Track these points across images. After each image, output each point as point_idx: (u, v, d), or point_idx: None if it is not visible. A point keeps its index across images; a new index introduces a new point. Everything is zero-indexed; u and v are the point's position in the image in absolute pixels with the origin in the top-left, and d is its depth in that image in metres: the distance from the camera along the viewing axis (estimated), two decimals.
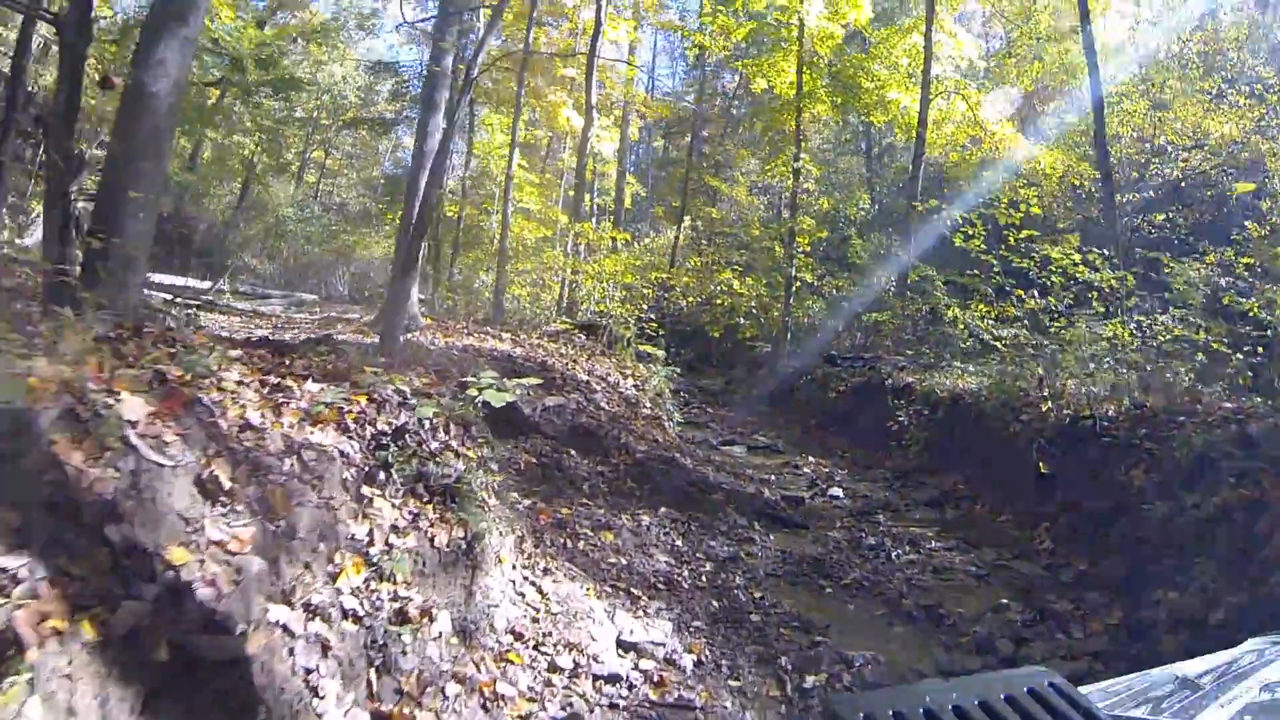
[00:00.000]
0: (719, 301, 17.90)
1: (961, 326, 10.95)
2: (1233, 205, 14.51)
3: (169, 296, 12.32)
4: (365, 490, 3.22)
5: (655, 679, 3.59)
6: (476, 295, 16.09)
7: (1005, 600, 5.26)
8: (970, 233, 11.36)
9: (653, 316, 14.26)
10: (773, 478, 9.21)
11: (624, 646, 3.81)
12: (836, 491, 8.54)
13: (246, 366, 3.44)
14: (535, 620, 3.76)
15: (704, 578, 4.95)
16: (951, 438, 9.79)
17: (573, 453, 6.81)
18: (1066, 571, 6.00)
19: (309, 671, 2.43)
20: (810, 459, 10.70)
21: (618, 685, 3.47)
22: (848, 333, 16.05)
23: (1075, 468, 7.02)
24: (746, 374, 18.55)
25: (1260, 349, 7.33)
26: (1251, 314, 7.59)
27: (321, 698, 2.43)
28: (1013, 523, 7.35)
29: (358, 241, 28.16)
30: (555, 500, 5.49)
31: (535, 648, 3.58)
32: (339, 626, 2.67)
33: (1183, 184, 15.68)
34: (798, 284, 16.80)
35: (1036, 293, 10.66)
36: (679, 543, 5.39)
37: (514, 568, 4.02)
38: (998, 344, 9.52)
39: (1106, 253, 8.26)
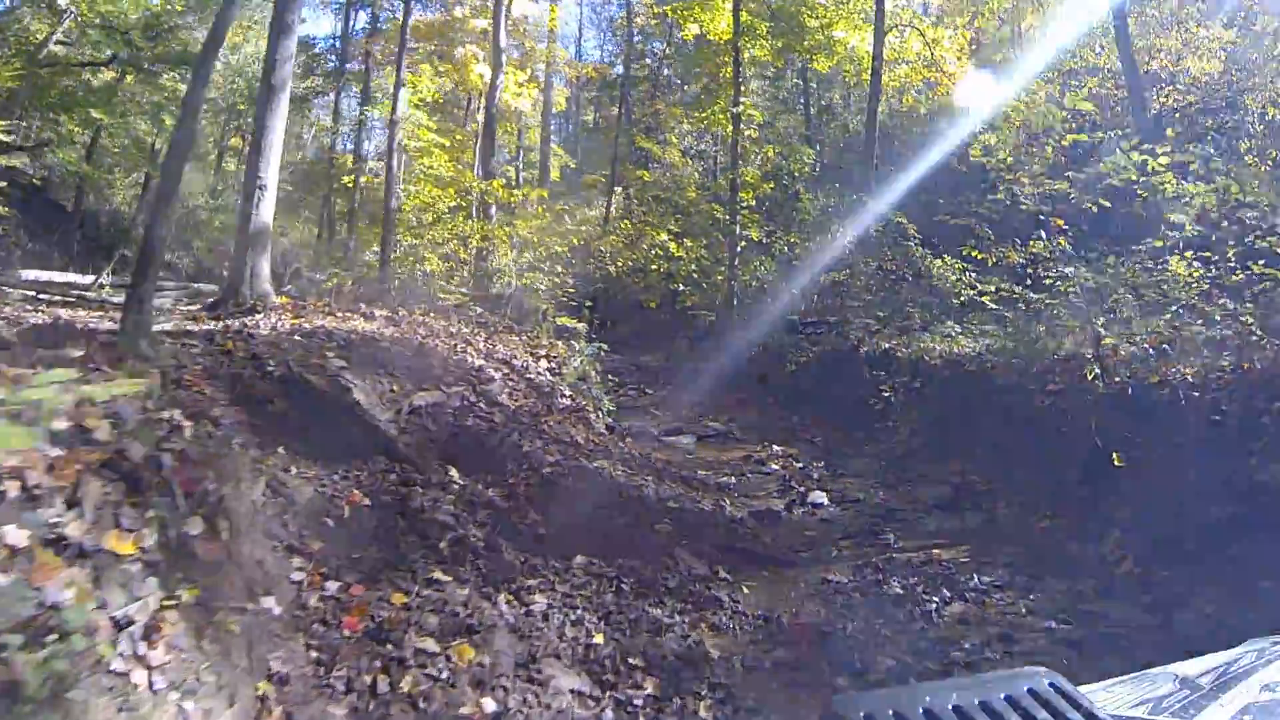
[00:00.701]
0: (654, 268, 15.68)
1: (954, 280, 8.97)
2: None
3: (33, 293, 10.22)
4: None
5: None
6: (369, 269, 13.48)
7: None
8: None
9: (577, 287, 11.94)
10: (733, 480, 7.10)
11: None
12: (819, 497, 6.47)
13: None
14: None
15: None
16: (951, 415, 7.83)
17: (444, 477, 4.50)
18: (1185, 615, 4.00)
19: None
20: (775, 448, 8.63)
21: None
22: (804, 296, 14.03)
23: (1155, 455, 5.04)
24: (690, 348, 16.42)
25: None
26: None
27: None
28: (1064, 532, 5.37)
29: (276, 229, 25.12)
30: (387, 577, 3.20)
31: None
32: None
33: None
34: (743, 243, 14.70)
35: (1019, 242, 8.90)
36: (597, 638, 3.17)
37: None
38: (1012, 296, 7.53)
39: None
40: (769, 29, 15.82)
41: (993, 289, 8.19)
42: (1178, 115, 11.87)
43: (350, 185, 21.41)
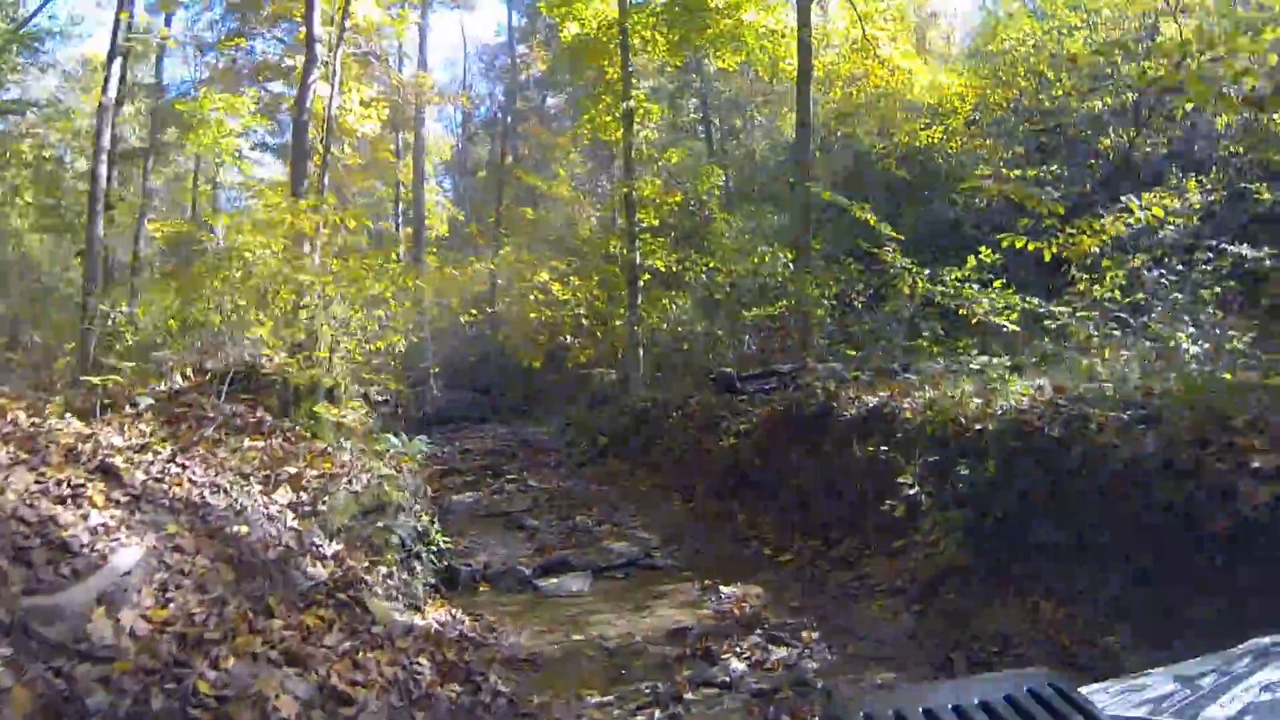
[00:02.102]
0: (534, 315, 11.98)
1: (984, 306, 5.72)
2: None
3: None
4: None
5: None
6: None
7: None
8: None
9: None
10: None
11: None
12: None
13: None
14: None
15: None
16: (1038, 518, 4.36)
17: None
18: None
19: None
20: (726, 591, 4.99)
21: None
22: (734, 340, 10.62)
23: None
24: (587, 414, 12.77)
25: None
26: None
27: None
28: None
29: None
30: None
31: None
32: None
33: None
34: (646, 275, 11.23)
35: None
36: None
37: None
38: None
39: None
40: (662, 16, 12.72)
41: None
42: None
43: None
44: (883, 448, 5.44)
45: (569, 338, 11.33)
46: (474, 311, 18.64)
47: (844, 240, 10.22)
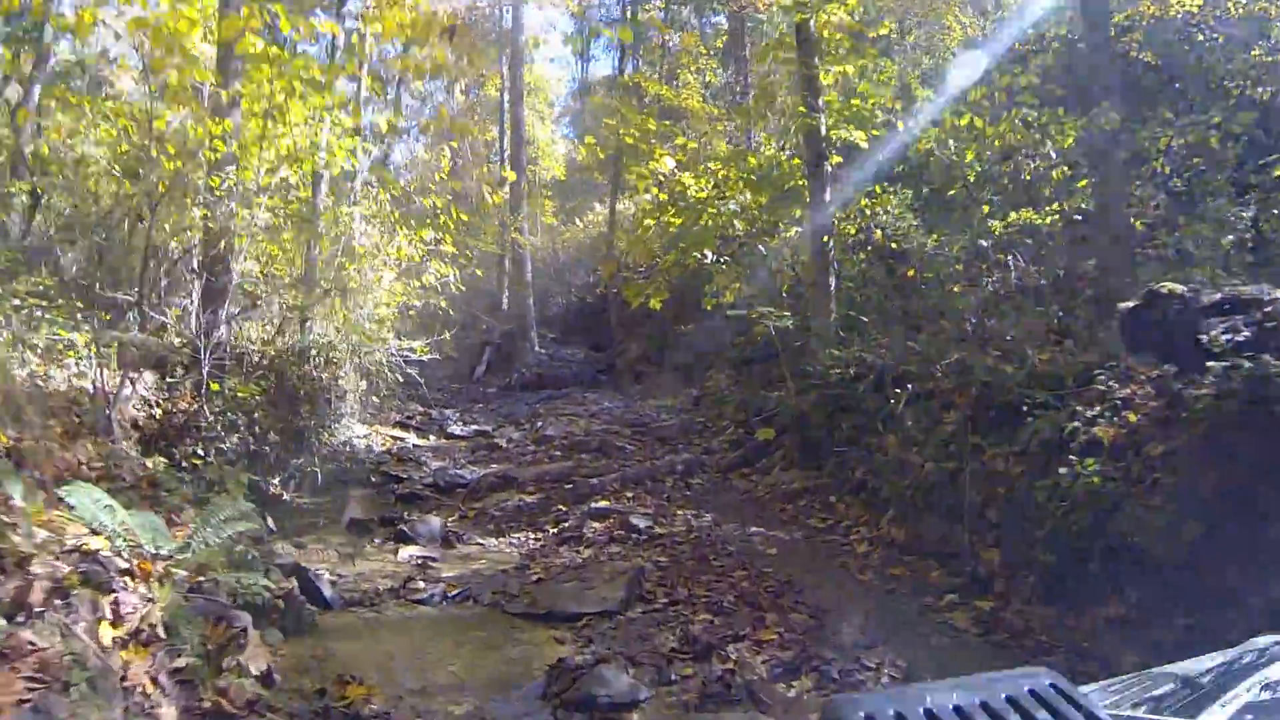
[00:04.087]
0: (649, 223, 7.86)
1: None
2: None
3: None
4: None
5: None
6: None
7: None
8: None
9: None
10: None
11: None
12: None
13: None
14: None
15: None
16: None
17: None
18: None
19: None
20: None
21: None
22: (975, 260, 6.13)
23: None
24: (735, 382, 8.67)
25: None
26: None
27: None
28: None
29: None
30: None
31: None
32: None
33: None
34: (836, 158, 6.83)
35: None
36: None
37: None
38: None
39: None
40: None
41: None
42: None
43: None
44: None
45: (709, 257, 7.08)
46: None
47: None
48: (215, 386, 5.36)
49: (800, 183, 6.71)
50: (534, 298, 16.27)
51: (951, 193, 6.57)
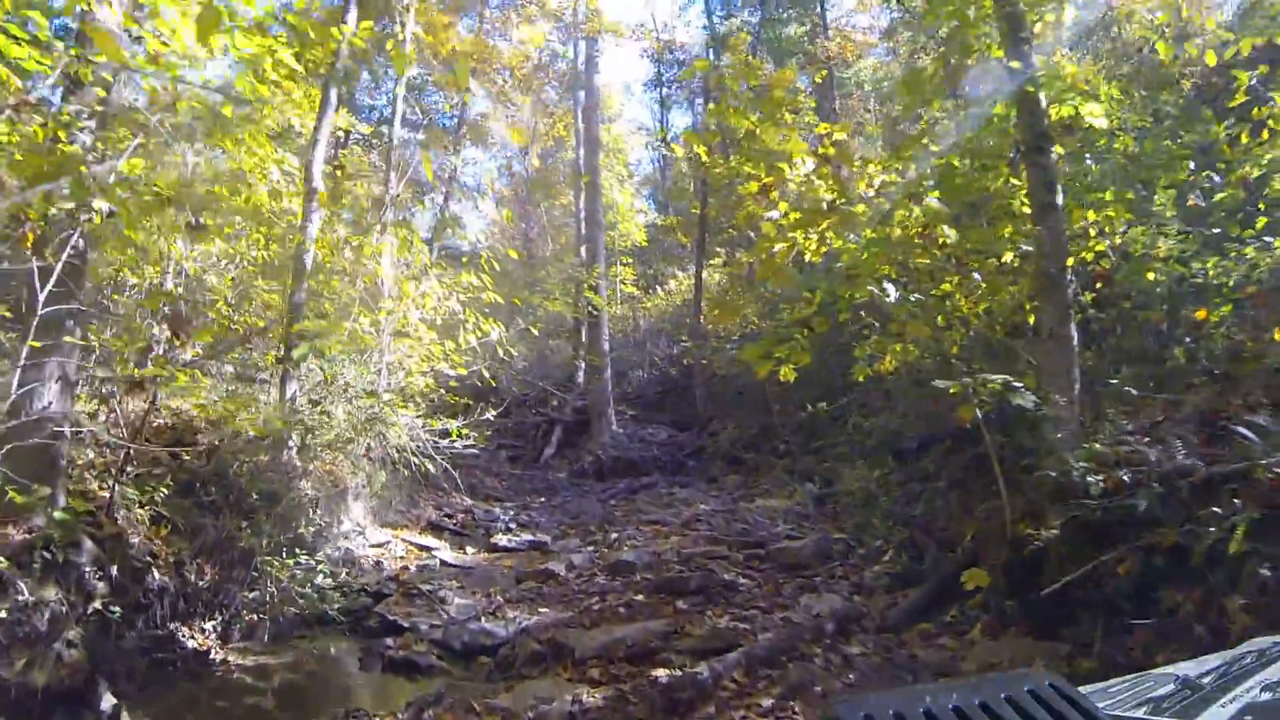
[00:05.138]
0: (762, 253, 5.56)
1: None
2: None
3: None
4: None
5: None
6: None
7: None
8: None
9: None
10: None
11: None
12: None
13: None
14: None
15: None
16: None
17: None
18: None
19: None
20: None
21: None
22: None
23: None
24: (899, 482, 6.11)
25: None
26: None
27: None
28: None
29: None
30: None
31: None
32: None
33: None
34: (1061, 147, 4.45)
35: None
36: None
37: None
38: None
39: None
40: None
41: None
42: None
43: None
44: None
45: (891, 294, 4.56)
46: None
47: None
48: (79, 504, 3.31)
49: (1015, 181, 4.36)
50: (611, 370, 14.16)
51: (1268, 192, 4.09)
